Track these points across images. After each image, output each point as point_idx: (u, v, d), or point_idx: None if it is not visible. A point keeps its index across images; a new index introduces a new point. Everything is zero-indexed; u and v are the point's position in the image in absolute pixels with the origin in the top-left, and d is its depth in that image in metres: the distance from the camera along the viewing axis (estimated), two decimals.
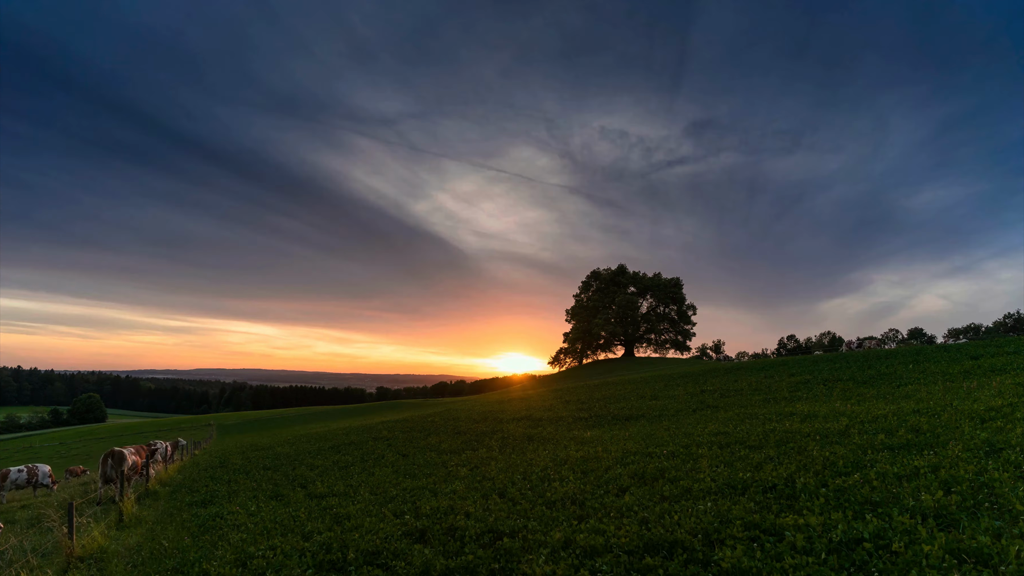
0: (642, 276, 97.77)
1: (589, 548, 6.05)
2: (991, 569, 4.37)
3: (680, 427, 14.93)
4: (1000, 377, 15.99)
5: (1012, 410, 10.37)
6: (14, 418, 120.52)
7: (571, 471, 10.57)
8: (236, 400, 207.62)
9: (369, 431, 25.44)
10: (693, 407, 19.68)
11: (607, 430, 16.76)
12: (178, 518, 11.35)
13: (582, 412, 22.24)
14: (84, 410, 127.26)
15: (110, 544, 9.54)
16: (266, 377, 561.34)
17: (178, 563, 7.72)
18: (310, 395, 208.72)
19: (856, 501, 6.36)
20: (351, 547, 7.18)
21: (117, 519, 11.50)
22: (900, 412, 11.99)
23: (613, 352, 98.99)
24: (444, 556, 6.47)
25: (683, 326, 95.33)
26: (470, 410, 29.82)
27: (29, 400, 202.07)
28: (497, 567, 5.95)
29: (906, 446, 8.75)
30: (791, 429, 11.66)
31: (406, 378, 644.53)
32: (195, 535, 9.54)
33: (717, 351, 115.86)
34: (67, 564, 8.37)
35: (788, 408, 15.84)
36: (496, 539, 6.88)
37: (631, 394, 27.15)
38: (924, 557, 4.64)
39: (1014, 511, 5.37)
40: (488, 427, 20.81)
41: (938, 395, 14.25)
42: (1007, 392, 12.90)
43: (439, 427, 22.89)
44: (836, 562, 4.85)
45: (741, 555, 5.23)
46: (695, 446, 11.38)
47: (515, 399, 35.45)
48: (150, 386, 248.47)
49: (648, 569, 5.32)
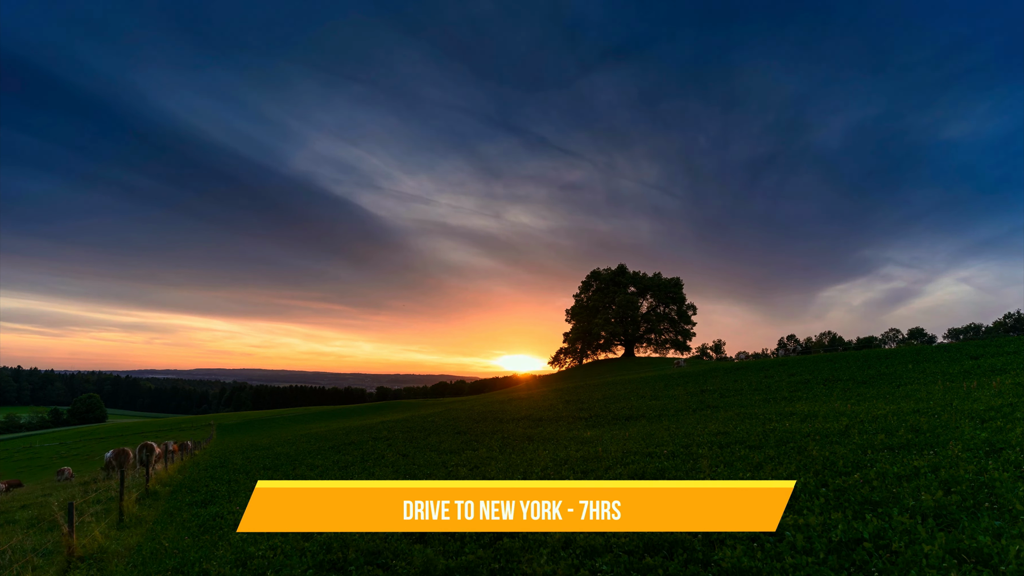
0: (642, 276, 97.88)
1: (589, 548, 6.05)
2: (991, 569, 4.37)
3: (680, 427, 14.94)
4: (1000, 377, 16.00)
5: (1012, 410, 10.39)
6: (14, 418, 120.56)
7: (571, 471, 10.58)
8: (236, 400, 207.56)
9: (369, 431, 25.45)
10: (693, 407, 19.69)
11: (607, 430, 16.76)
12: (178, 518, 11.36)
13: (582, 412, 22.25)
14: (84, 410, 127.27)
15: (110, 544, 9.54)
16: (266, 377, 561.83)
17: (178, 563, 7.72)
18: (310, 395, 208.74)
19: (856, 501, 6.36)
20: (351, 547, 7.19)
21: (117, 519, 11.51)
22: (900, 412, 12.00)
23: (613, 352, 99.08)
24: (444, 556, 6.47)
25: (683, 326, 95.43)
26: (470, 410, 29.82)
27: (29, 400, 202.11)
28: (497, 567, 5.95)
29: (906, 446, 8.75)
30: (791, 429, 11.67)
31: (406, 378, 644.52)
32: (195, 535, 9.54)
33: (717, 351, 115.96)
34: (68, 564, 8.38)
35: (788, 408, 15.85)
36: (496, 539, 6.88)
37: (631, 394, 27.17)
38: (924, 557, 4.64)
39: (1014, 511, 5.37)
40: (488, 427, 20.81)
41: (938, 395, 14.25)
42: (1007, 392, 12.91)
43: (439, 427, 22.90)
44: (836, 562, 4.85)
45: (741, 555, 5.24)
46: (695, 446, 11.39)
47: (515, 399, 35.45)
48: (150, 386, 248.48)
49: (648, 569, 5.33)
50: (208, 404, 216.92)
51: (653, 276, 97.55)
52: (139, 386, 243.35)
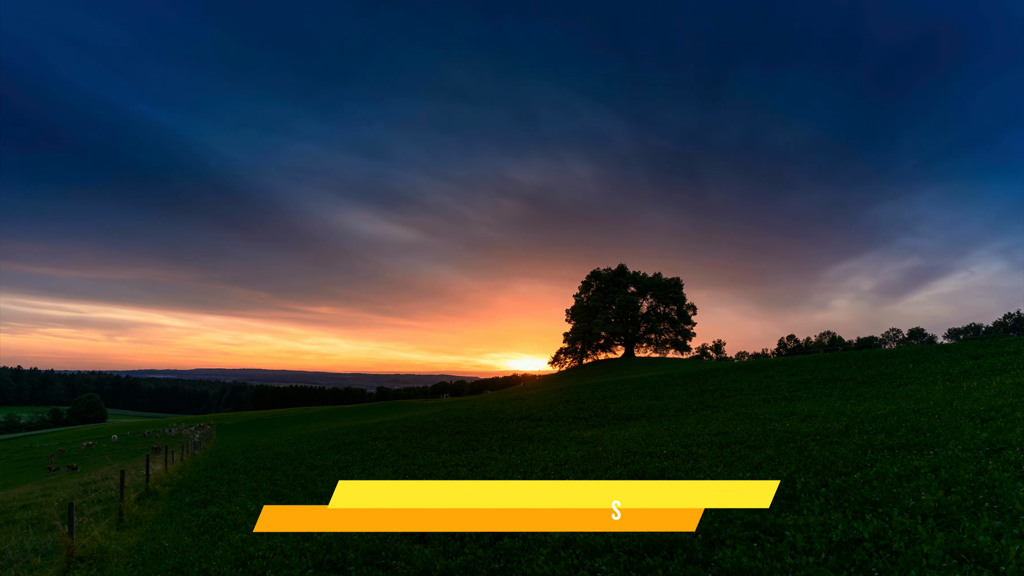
0: (642, 276, 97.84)
1: (589, 548, 6.05)
2: (991, 569, 4.37)
3: (680, 427, 14.93)
4: (1000, 377, 15.99)
5: (1012, 410, 10.38)
6: (14, 418, 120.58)
7: (571, 471, 10.57)
8: (236, 400, 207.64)
9: (369, 431, 25.44)
10: (693, 407, 19.68)
11: (607, 430, 16.76)
12: (178, 518, 11.35)
13: (582, 412, 22.24)
14: (84, 410, 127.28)
15: (110, 544, 9.54)
16: (266, 377, 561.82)
17: (178, 563, 7.71)
18: (310, 395, 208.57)
19: (856, 501, 6.36)
20: (351, 547, 7.18)
21: (117, 519, 11.51)
22: (900, 412, 11.99)
23: (613, 352, 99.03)
24: (444, 556, 6.47)
25: (683, 326, 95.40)
26: (470, 410, 29.82)
27: (29, 400, 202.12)
28: (497, 567, 5.95)
29: (906, 446, 8.75)
30: (791, 429, 11.66)
31: (406, 378, 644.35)
32: (195, 535, 9.54)
33: (717, 351, 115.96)
34: (67, 564, 8.38)
35: (788, 408, 15.85)
36: (496, 539, 6.88)
37: (631, 394, 27.16)
38: (924, 557, 4.64)
39: (1014, 511, 5.37)
40: (488, 427, 20.81)
41: (938, 395, 14.25)
42: (1007, 392, 12.90)
43: (439, 427, 22.89)
44: (836, 562, 4.85)
45: (741, 555, 5.24)
46: (695, 446, 11.38)
47: (515, 399, 35.44)
48: (150, 386, 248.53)
49: (648, 569, 5.32)
50: (208, 404, 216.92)
51: (653, 276, 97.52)
52: (139, 386, 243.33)
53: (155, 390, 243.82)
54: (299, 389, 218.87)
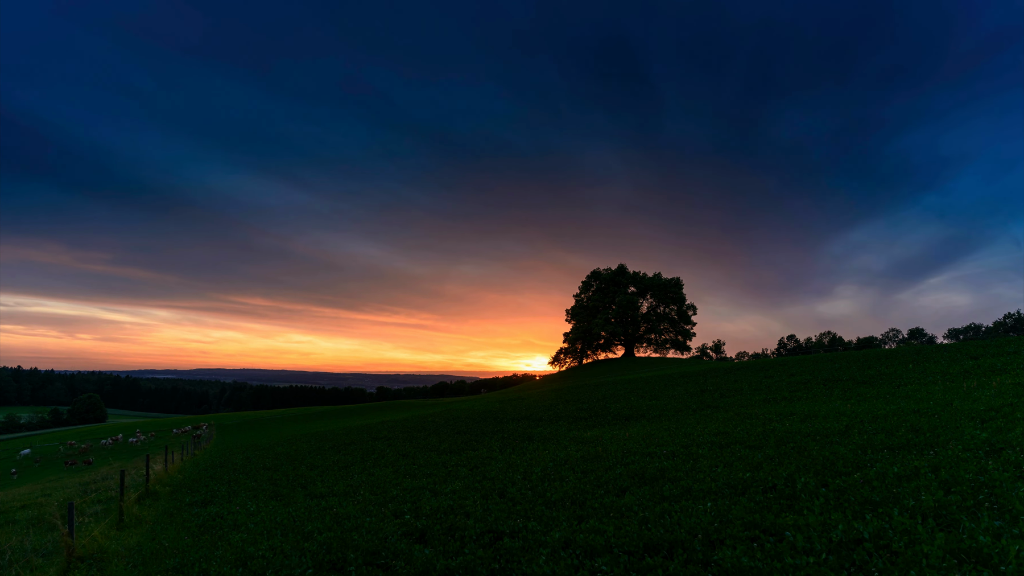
0: (642, 276, 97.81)
1: (589, 548, 6.05)
2: (991, 569, 4.37)
3: (680, 427, 14.93)
4: (1000, 377, 15.99)
5: (1012, 410, 10.38)
6: (14, 418, 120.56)
7: (571, 471, 10.58)
8: (236, 400, 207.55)
9: (369, 431, 25.44)
10: (693, 407, 19.68)
11: (607, 430, 16.76)
12: (178, 518, 11.35)
13: (582, 412, 22.24)
14: (84, 410, 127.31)
15: (110, 544, 9.54)
16: (266, 377, 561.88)
17: (178, 563, 7.71)
18: (310, 395, 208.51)
19: (856, 501, 6.36)
20: (351, 547, 7.18)
21: (117, 519, 11.51)
22: (900, 412, 11.99)
23: (613, 352, 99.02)
24: (444, 556, 6.47)
25: (683, 326, 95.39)
26: (470, 410, 29.81)
27: (29, 400, 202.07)
28: (497, 567, 5.95)
29: (906, 446, 8.75)
30: (791, 429, 11.66)
31: (406, 378, 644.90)
32: (195, 535, 9.54)
33: (717, 351, 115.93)
34: (68, 564, 8.38)
35: (788, 408, 15.84)
36: (496, 539, 6.88)
37: (631, 394, 27.16)
38: (924, 557, 4.64)
39: (1014, 511, 5.37)
40: (488, 427, 20.81)
41: (938, 395, 14.24)
42: (1007, 392, 12.90)
43: (439, 427, 22.89)
44: (836, 562, 4.85)
45: (741, 555, 5.24)
46: (695, 446, 11.38)
47: (515, 399, 35.44)
48: (150, 386, 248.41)
49: (648, 569, 5.32)
50: (208, 404, 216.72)
51: (653, 276, 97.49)
52: (139, 386, 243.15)
53: (155, 390, 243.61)
54: (299, 389, 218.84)
